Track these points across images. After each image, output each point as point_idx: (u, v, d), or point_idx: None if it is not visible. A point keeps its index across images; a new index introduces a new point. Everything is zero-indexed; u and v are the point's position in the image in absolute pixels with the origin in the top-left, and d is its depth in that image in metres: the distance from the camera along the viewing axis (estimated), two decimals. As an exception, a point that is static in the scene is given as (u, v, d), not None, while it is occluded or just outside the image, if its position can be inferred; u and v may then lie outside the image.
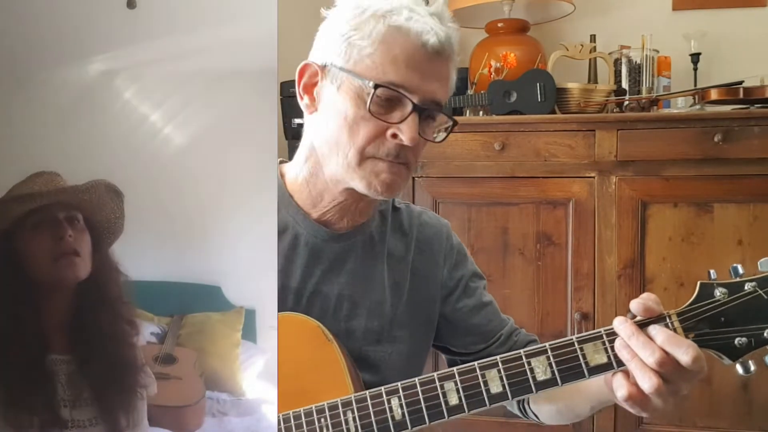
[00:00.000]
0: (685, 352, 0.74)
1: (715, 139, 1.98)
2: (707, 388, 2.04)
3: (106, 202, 0.87)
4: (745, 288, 0.78)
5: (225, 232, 1.82)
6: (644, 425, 2.08)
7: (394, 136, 0.89)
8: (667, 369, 0.75)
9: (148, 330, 1.74)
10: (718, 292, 0.78)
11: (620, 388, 0.78)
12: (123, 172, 0.95)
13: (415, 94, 0.88)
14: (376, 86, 0.87)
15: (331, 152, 0.92)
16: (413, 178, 2.14)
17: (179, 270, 1.89)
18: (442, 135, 0.97)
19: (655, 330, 0.77)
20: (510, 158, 2.11)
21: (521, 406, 1.06)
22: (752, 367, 0.77)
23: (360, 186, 0.92)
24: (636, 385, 0.77)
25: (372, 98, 0.87)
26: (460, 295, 1.08)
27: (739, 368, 0.78)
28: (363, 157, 0.90)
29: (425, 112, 0.90)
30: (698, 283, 0.80)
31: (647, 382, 0.75)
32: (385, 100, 0.88)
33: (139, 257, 0.95)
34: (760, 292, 0.77)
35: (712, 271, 0.81)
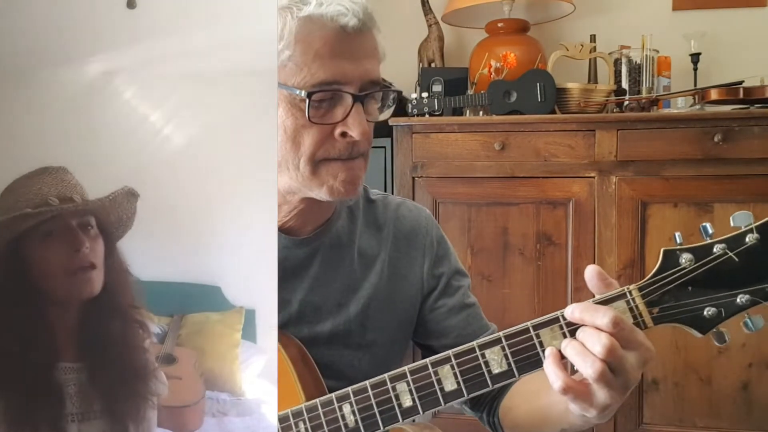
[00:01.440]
0: (603, 314, 0.68)
1: (715, 139, 1.98)
2: (707, 388, 2.04)
3: (122, 203, 0.83)
4: (714, 251, 0.69)
5: (225, 231, 1.82)
6: (644, 425, 2.08)
7: (344, 134, 0.83)
8: (614, 357, 0.68)
9: (148, 330, 1.74)
10: (684, 259, 0.69)
11: (557, 380, 0.70)
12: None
13: (351, 83, 0.81)
14: (309, 94, 0.80)
15: (280, 169, 0.86)
16: (413, 177, 2.14)
17: (179, 270, 1.89)
18: (388, 112, 0.89)
19: (569, 309, 0.71)
20: (510, 158, 2.11)
21: (491, 421, 1.00)
22: (727, 337, 0.69)
23: (321, 194, 0.86)
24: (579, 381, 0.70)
25: (308, 105, 0.80)
26: (440, 293, 1.01)
27: (713, 339, 0.70)
28: (315, 164, 0.84)
29: (367, 97, 0.84)
30: (661, 250, 0.71)
31: (590, 368, 0.68)
32: (323, 101, 0.82)
33: (138, 257, 0.94)
34: (731, 254, 0.68)
35: (677, 234, 0.71)
